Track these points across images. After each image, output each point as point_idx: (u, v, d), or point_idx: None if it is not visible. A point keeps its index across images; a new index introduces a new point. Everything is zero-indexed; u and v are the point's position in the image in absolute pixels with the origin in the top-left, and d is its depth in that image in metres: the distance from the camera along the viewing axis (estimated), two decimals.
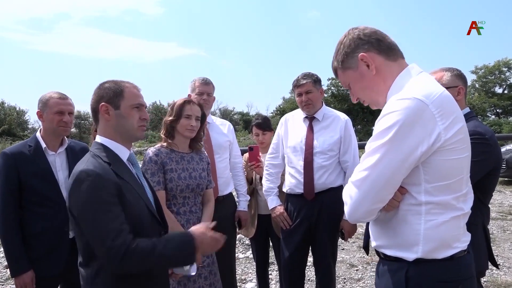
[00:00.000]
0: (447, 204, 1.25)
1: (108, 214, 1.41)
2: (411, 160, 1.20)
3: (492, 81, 39.68)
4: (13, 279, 2.29)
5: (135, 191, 1.56)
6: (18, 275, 2.20)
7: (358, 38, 1.37)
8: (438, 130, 1.19)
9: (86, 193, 1.42)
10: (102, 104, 1.60)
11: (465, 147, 1.27)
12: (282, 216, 2.86)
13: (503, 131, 26.36)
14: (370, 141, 1.26)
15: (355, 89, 1.45)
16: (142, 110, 1.67)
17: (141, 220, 1.54)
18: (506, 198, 8.29)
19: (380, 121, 1.25)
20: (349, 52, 1.39)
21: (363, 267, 4.40)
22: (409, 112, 1.18)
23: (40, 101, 2.35)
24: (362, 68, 1.37)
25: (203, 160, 2.50)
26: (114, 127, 1.62)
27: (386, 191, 1.24)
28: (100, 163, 1.51)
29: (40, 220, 2.25)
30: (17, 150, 2.28)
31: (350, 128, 2.88)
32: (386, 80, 1.36)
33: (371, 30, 1.39)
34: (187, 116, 2.37)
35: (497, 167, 2.18)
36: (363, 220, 1.34)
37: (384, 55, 1.36)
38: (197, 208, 2.41)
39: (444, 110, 1.20)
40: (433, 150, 1.20)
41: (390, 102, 1.25)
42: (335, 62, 1.46)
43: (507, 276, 4.08)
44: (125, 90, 1.63)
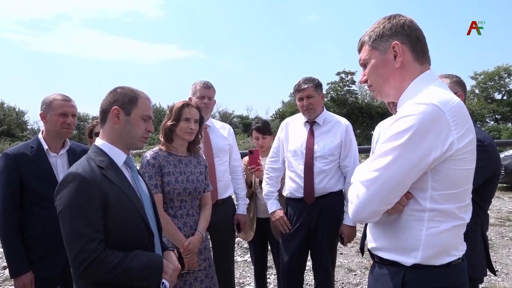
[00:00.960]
0: (450, 213, 1.25)
1: (84, 220, 1.45)
2: (422, 165, 1.20)
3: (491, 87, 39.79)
4: (12, 280, 2.29)
5: (125, 195, 1.58)
6: (18, 276, 2.21)
7: (402, 26, 1.34)
8: (452, 139, 1.19)
9: (67, 196, 1.47)
10: (115, 107, 1.64)
11: (473, 159, 1.28)
12: (282, 220, 2.87)
13: (502, 137, 26.42)
14: (383, 142, 1.26)
15: (370, 72, 1.40)
16: (149, 122, 1.72)
17: (128, 225, 1.56)
18: (504, 204, 8.30)
19: (395, 124, 1.24)
20: (386, 35, 1.35)
21: (361, 272, 4.40)
22: (425, 117, 1.18)
23: (44, 102, 2.36)
24: (389, 55, 1.34)
25: (200, 164, 2.51)
26: (119, 132, 1.65)
27: (395, 194, 1.24)
28: (92, 167, 1.54)
29: (40, 221, 2.26)
30: (19, 151, 2.29)
31: (351, 133, 2.89)
32: (405, 79, 1.35)
33: (415, 25, 1.37)
34: (186, 119, 2.39)
35: (496, 174, 2.20)
36: (367, 220, 1.34)
37: (415, 55, 1.34)
38: (194, 211, 2.42)
39: (459, 120, 1.21)
40: (445, 158, 1.21)
41: (407, 106, 1.25)
42: (366, 37, 1.40)
43: (505, 282, 4.09)
44: (139, 100, 1.68)
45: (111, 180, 1.55)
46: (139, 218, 1.61)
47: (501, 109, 37.64)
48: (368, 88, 1.48)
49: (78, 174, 1.49)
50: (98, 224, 1.47)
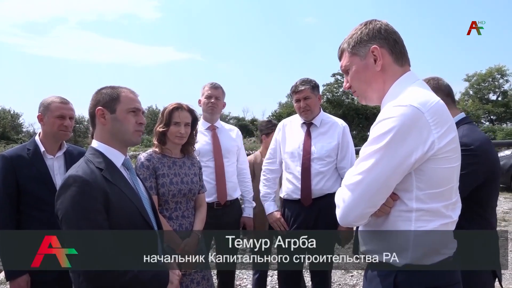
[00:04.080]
0: (437, 212, 1.26)
1: (89, 222, 1.44)
2: (405, 166, 1.22)
3: (486, 88, 40.03)
4: (6, 284, 2.28)
5: (125, 196, 1.57)
6: (14, 279, 2.19)
7: (378, 31, 1.37)
8: (432, 138, 1.21)
9: (71, 199, 1.45)
10: (99, 108, 1.63)
11: (457, 156, 1.29)
12: (279, 221, 2.88)
13: (497, 137, 26.55)
14: (365, 146, 1.28)
15: (352, 77, 1.43)
16: (138, 114, 1.68)
17: (130, 226, 1.55)
18: (500, 204, 8.35)
19: (375, 127, 1.27)
20: (364, 40, 1.38)
21: (358, 273, 4.41)
22: (405, 119, 1.20)
23: (42, 104, 2.36)
24: (369, 60, 1.37)
25: (194, 165, 2.52)
26: (110, 131, 1.64)
27: (379, 196, 1.26)
28: (91, 169, 1.53)
29: (37, 224, 2.24)
30: (16, 153, 2.29)
31: (348, 134, 2.90)
32: (386, 82, 1.37)
33: (392, 29, 1.39)
34: (176, 123, 2.39)
35: (492, 178, 1.97)
36: (354, 224, 1.36)
37: (394, 57, 1.37)
38: (189, 213, 2.42)
39: (439, 119, 1.22)
40: (427, 157, 1.22)
41: (387, 108, 1.27)
42: (346, 44, 1.43)
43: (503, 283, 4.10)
44: (121, 95, 1.66)
45: (111, 182, 1.54)
46: (141, 219, 1.61)
47: (496, 109, 37.86)
48: (352, 93, 1.50)
49: (79, 176, 1.48)
50: (104, 226, 1.47)
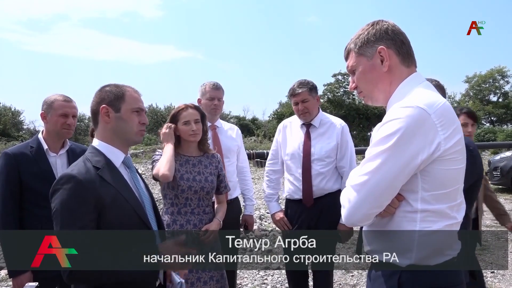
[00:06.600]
0: (442, 213, 1.27)
1: (75, 222, 1.44)
2: (411, 167, 1.22)
3: (486, 89, 39.98)
4: (7, 281, 2.29)
5: (121, 196, 1.56)
6: (16, 276, 2.20)
7: (385, 31, 1.37)
8: (439, 140, 1.21)
9: (60, 198, 1.46)
10: (103, 106, 1.61)
11: (462, 158, 1.30)
12: (282, 221, 2.92)
13: (498, 139, 26.48)
14: (371, 147, 1.29)
15: (359, 77, 1.43)
16: (141, 114, 1.68)
17: (125, 226, 1.55)
18: None
19: (382, 128, 1.27)
20: (371, 41, 1.37)
21: (358, 273, 4.42)
22: (411, 120, 1.21)
23: (45, 102, 2.37)
24: (376, 60, 1.36)
25: (212, 164, 2.53)
26: (113, 130, 1.63)
27: (385, 197, 1.26)
28: (88, 168, 1.53)
29: (39, 221, 2.24)
30: (19, 151, 2.30)
31: (347, 133, 2.92)
32: (393, 82, 1.37)
33: (399, 29, 1.39)
34: (186, 122, 2.42)
35: (479, 178, 2.25)
36: (359, 224, 1.36)
37: (401, 58, 1.37)
38: (201, 210, 2.45)
39: (445, 120, 1.23)
40: (433, 159, 1.23)
41: (393, 109, 1.27)
42: (352, 44, 1.42)
43: (501, 283, 4.13)
44: (126, 94, 1.64)
45: (106, 181, 1.53)
46: (136, 218, 1.59)
47: (496, 111, 37.85)
48: (358, 94, 1.50)
49: (72, 176, 1.48)
50: (90, 227, 1.46)
